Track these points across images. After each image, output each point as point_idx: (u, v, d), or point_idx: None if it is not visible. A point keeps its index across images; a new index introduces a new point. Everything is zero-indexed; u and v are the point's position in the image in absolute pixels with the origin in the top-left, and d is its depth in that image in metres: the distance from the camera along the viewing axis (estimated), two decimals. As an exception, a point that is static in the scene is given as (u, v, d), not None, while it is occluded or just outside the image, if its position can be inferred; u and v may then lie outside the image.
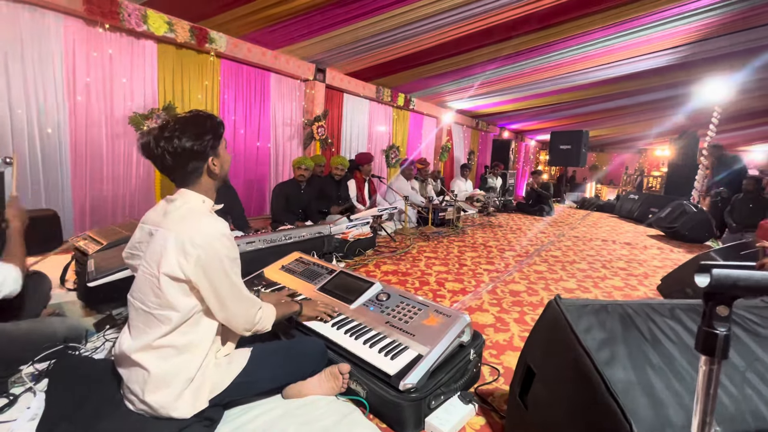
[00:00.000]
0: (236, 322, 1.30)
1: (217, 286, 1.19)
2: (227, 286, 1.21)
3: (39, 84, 3.36)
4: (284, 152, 5.72)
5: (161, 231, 1.18)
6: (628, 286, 3.34)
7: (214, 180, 1.30)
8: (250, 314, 1.33)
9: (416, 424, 1.41)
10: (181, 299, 1.17)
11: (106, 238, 2.31)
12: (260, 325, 1.38)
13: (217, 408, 1.31)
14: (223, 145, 1.32)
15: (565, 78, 6.51)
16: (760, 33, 4.76)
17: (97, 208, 3.87)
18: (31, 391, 1.43)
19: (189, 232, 1.15)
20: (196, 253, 1.14)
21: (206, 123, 1.26)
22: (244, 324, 1.32)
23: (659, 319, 1.09)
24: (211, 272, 1.17)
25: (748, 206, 5.87)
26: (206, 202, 1.28)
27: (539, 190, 8.00)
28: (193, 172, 1.24)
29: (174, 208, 1.22)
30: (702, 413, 0.48)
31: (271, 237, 2.93)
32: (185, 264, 1.14)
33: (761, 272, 0.45)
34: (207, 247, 1.15)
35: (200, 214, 1.22)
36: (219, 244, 1.18)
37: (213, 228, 1.19)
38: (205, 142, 1.22)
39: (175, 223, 1.17)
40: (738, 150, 14.06)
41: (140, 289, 1.20)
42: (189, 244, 1.14)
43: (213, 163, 1.26)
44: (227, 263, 1.20)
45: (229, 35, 4.47)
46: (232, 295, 1.23)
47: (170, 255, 1.14)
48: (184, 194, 1.25)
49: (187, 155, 1.20)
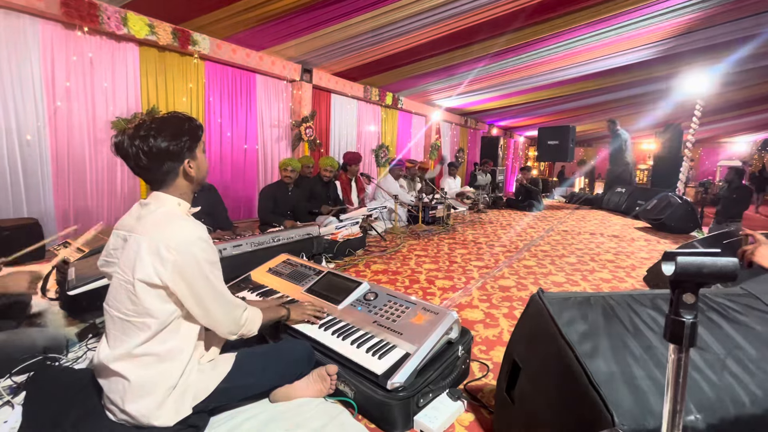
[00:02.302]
0: (220, 326, 1.28)
1: (196, 290, 1.17)
2: (208, 290, 1.19)
3: (17, 89, 3.28)
4: (272, 154, 5.67)
5: (134, 236, 1.15)
6: (616, 278, 3.38)
7: (190, 183, 1.27)
8: (234, 317, 1.31)
9: (405, 423, 1.41)
10: (158, 305, 1.15)
11: (88, 246, 2.26)
12: (246, 328, 1.36)
13: (201, 414, 1.29)
14: (201, 148, 1.29)
15: (551, 74, 6.56)
16: (739, 25, 4.85)
17: (81, 216, 3.80)
18: (9, 404, 1.39)
19: (164, 236, 1.12)
20: (172, 258, 1.11)
21: (184, 124, 1.23)
22: (228, 328, 1.30)
23: (641, 309, 1.09)
24: (189, 277, 1.15)
25: (732, 197, 5.99)
26: (182, 205, 1.25)
27: (528, 186, 8.06)
28: (168, 173, 1.21)
29: (148, 212, 1.19)
30: (672, 401, 0.48)
31: (258, 239, 2.90)
32: (161, 270, 1.11)
33: (725, 258, 0.45)
34: (183, 252, 1.13)
35: (175, 217, 1.19)
36: (196, 248, 1.15)
37: (189, 231, 1.16)
38: (182, 143, 1.20)
39: (149, 227, 1.14)
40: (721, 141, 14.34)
41: (116, 297, 1.17)
42: (164, 248, 1.11)
43: (189, 165, 1.23)
44: (206, 267, 1.18)
45: (212, 37, 4.42)
46: (213, 299, 1.21)
47: (145, 261, 1.11)
48: (159, 197, 1.22)
49: (163, 155, 1.18)
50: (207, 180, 1.39)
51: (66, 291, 1.85)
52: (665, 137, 7.99)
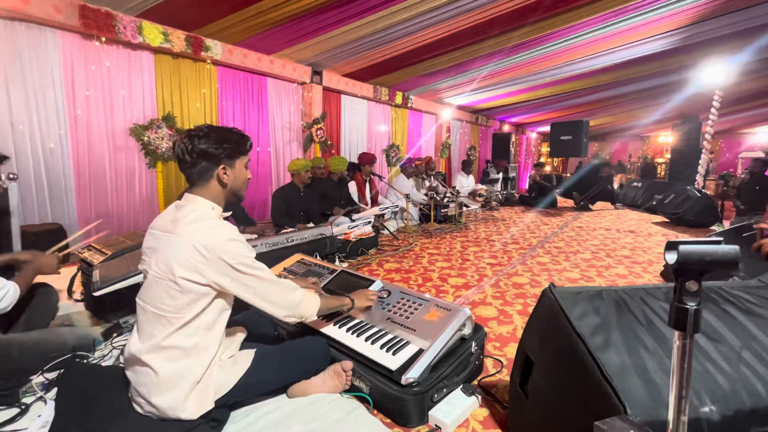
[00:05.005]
0: (276, 309, 1.34)
1: (243, 282, 1.25)
2: (255, 280, 1.27)
3: (39, 99, 3.41)
4: (284, 156, 5.75)
5: (172, 237, 1.22)
6: (632, 274, 3.33)
7: (223, 189, 1.33)
8: (289, 299, 1.37)
9: (420, 418, 1.43)
10: (198, 302, 1.22)
11: (110, 249, 2.35)
12: (303, 309, 1.41)
13: (223, 409, 1.33)
14: (244, 161, 1.36)
15: (563, 68, 6.48)
16: (758, 11, 4.71)
17: (103, 220, 3.92)
18: (42, 399, 1.47)
19: (203, 237, 1.20)
20: (212, 256, 1.19)
21: (231, 135, 1.32)
22: (285, 310, 1.36)
23: (654, 302, 1.09)
24: (233, 273, 1.23)
25: (755, 188, 5.82)
26: (215, 209, 1.32)
27: (542, 182, 7.97)
28: (202, 173, 1.29)
29: (183, 215, 1.25)
30: (678, 386, 0.49)
31: (273, 240, 2.96)
32: (204, 268, 1.19)
33: (726, 246, 0.46)
34: (221, 251, 1.20)
35: (210, 219, 1.26)
36: (232, 246, 1.23)
37: (224, 232, 1.24)
38: (221, 149, 1.28)
39: (186, 229, 1.21)
40: (742, 132, 13.89)
41: (152, 293, 1.23)
42: (204, 248, 1.19)
43: (225, 171, 1.30)
44: (247, 260, 1.25)
45: (224, 42, 4.51)
46: (263, 286, 1.29)
47: (188, 260, 1.18)
48: (193, 200, 1.29)
49: (200, 155, 1.26)
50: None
51: (91, 292, 1.92)
52: (683, 130, 7.80)
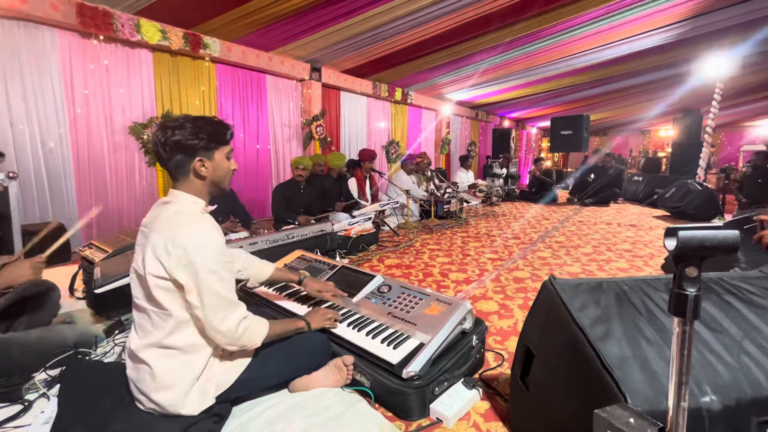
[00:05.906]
0: (215, 333, 1.21)
1: (199, 287, 1.17)
2: (209, 288, 1.17)
3: (39, 98, 3.41)
4: (284, 153, 5.74)
5: (151, 233, 1.20)
6: (633, 268, 3.32)
7: (202, 181, 1.28)
8: (228, 325, 1.21)
9: (421, 411, 1.43)
10: (169, 300, 1.19)
11: (111, 246, 2.35)
12: (246, 339, 1.27)
13: (224, 404, 1.34)
14: (224, 152, 1.30)
15: (563, 62, 6.45)
16: (759, 4, 4.67)
17: (103, 218, 3.93)
18: (45, 396, 1.47)
19: (172, 232, 1.17)
20: (176, 252, 1.15)
21: (207, 125, 1.26)
22: (224, 337, 1.22)
23: (654, 293, 1.09)
24: (195, 275, 1.16)
25: (757, 182, 5.80)
26: (197, 203, 1.28)
27: (542, 177, 7.95)
28: (179, 167, 1.24)
29: (164, 209, 1.24)
30: (678, 373, 0.49)
31: (273, 237, 2.96)
32: (167, 263, 1.15)
33: (725, 231, 0.46)
34: (188, 248, 1.15)
35: (187, 215, 1.23)
36: (202, 243, 1.18)
37: (197, 228, 1.20)
38: (196, 140, 1.22)
39: (162, 224, 1.20)
40: (743, 125, 13.82)
41: (138, 289, 1.25)
42: (171, 244, 1.15)
43: (202, 163, 1.25)
44: (209, 263, 1.18)
45: (222, 40, 4.49)
46: (211, 301, 1.18)
47: (154, 255, 1.17)
48: (176, 195, 1.27)
49: (174, 148, 1.22)
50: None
51: (92, 290, 1.93)
52: (684, 123, 7.76)
